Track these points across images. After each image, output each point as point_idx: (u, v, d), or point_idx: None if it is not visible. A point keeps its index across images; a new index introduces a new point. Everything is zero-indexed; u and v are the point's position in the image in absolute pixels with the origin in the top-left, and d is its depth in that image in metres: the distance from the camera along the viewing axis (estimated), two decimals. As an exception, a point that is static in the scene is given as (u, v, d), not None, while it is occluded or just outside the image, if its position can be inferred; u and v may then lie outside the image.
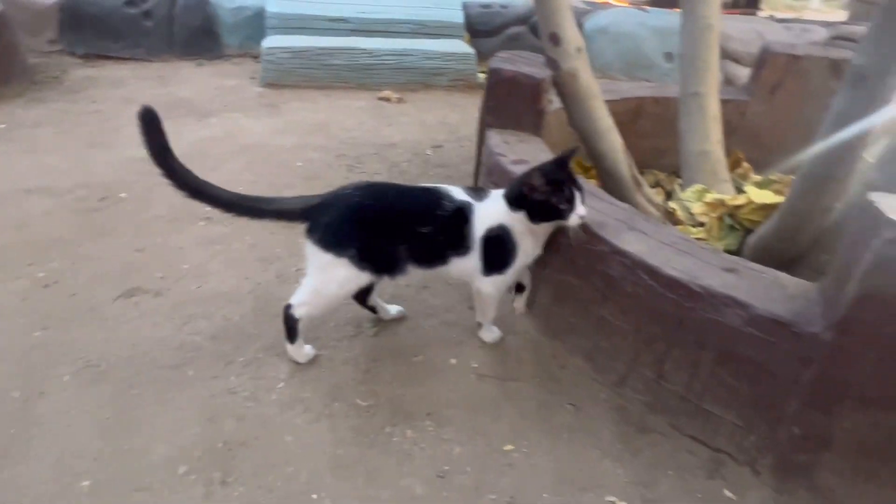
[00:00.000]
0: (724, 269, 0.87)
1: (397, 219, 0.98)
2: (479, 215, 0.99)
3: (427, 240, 0.98)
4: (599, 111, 1.42)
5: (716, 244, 1.42)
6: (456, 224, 0.98)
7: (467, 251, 0.99)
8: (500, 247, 0.99)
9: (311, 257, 0.98)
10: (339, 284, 0.99)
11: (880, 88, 0.92)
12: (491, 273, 1.01)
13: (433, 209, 0.98)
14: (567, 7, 1.36)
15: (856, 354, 0.71)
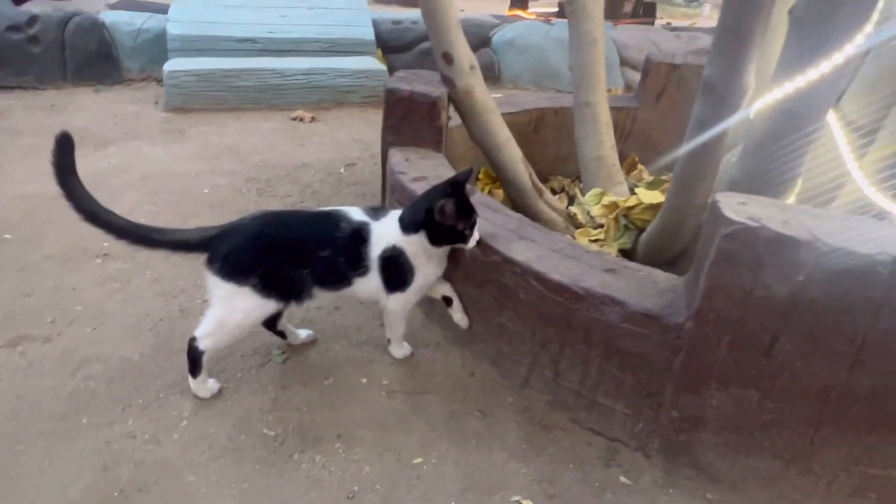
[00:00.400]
0: (605, 270, 0.93)
1: (297, 244, 0.99)
2: (376, 235, 1.01)
3: (328, 263, 0.99)
4: (496, 125, 1.48)
5: (613, 244, 1.51)
6: (354, 245, 1.00)
7: (367, 271, 1.01)
8: (396, 267, 1.01)
9: (213, 288, 0.97)
10: (244, 314, 0.98)
11: (728, 97, 1.03)
12: (394, 291, 1.03)
13: (331, 232, 0.99)
14: (457, 27, 1.41)
15: (712, 340, 0.78)
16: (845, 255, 0.68)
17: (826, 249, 0.68)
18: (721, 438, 0.85)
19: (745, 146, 1.15)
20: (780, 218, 0.74)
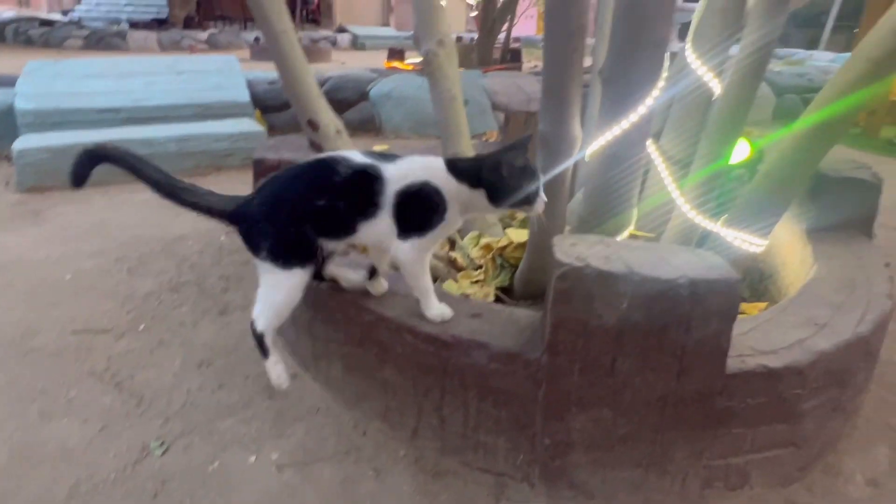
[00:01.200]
0: (471, 315, 1.00)
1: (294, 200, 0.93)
2: (393, 173, 0.92)
3: (329, 211, 0.92)
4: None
5: (492, 283, 1.61)
6: (359, 186, 0.92)
7: (375, 212, 0.92)
8: (422, 204, 0.92)
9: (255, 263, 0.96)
10: (277, 290, 0.96)
11: (559, 148, 1.16)
12: (408, 235, 0.93)
13: (328, 178, 0.92)
14: (319, 95, 1.48)
15: (565, 369, 0.87)
16: (655, 282, 0.80)
17: (639, 279, 0.80)
18: (589, 457, 0.93)
19: (585, 187, 1.30)
20: (604, 255, 0.85)
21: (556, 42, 1.03)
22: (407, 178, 0.92)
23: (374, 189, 0.92)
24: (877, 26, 1.22)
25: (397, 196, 0.92)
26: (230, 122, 3.01)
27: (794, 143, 1.31)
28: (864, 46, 1.21)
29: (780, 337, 0.96)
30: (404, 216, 0.92)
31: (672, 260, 0.85)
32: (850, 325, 0.99)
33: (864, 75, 1.20)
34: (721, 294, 0.80)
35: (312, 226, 0.93)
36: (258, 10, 1.37)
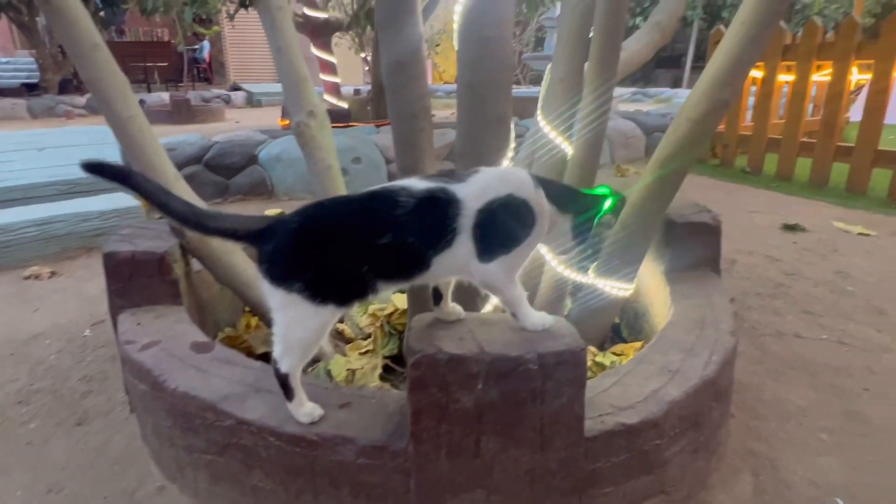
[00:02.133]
0: (340, 406, 0.97)
1: (350, 237, 0.81)
2: (467, 193, 0.83)
3: (395, 250, 0.81)
4: (241, 264, 1.48)
5: (381, 351, 1.58)
6: (429, 215, 0.81)
7: (452, 240, 0.81)
8: (508, 218, 0.82)
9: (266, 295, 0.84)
10: (301, 327, 0.84)
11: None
12: (492, 255, 0.82)
13: (389, 212, 0.81)
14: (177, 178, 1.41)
15: (432, 456, 0.85)
16: (505, 360, 0.81)
17: (490, 359, 0.81)
18: (471, 540, 0.90)
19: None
20: (458, 335, 0.86)
21: (402, 125, 1.06)
22: (487, 193, 0.83)
23: (449, 214, 0.81)
24: (693, 89, 1.37)
25: (479, 214, 0.82)
26: (102, 198, 2.80)
27: (642, 195, 1.43)
28: (684, 108, 1.35)
29: (637, 390, 1.00)
30: (488, 235, 0.82)
31: (522, 333, 0.87)
32: (698, 369, 1.06)
33: (688, 134, 1.34)
34: (568, 364, 0.83)
35: (373, 268, 0.82)
36: (100, 97, 1.30)
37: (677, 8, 1.66)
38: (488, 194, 0.83)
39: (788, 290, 2.13)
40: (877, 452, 1.24)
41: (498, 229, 0.82)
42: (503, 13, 1.05)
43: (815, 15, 11.22)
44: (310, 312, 0.82)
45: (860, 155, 3.65)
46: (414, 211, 0.81)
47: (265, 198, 3.59)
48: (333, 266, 0.82)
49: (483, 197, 0.82)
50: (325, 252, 0.81)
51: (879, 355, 1.65)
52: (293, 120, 1.70)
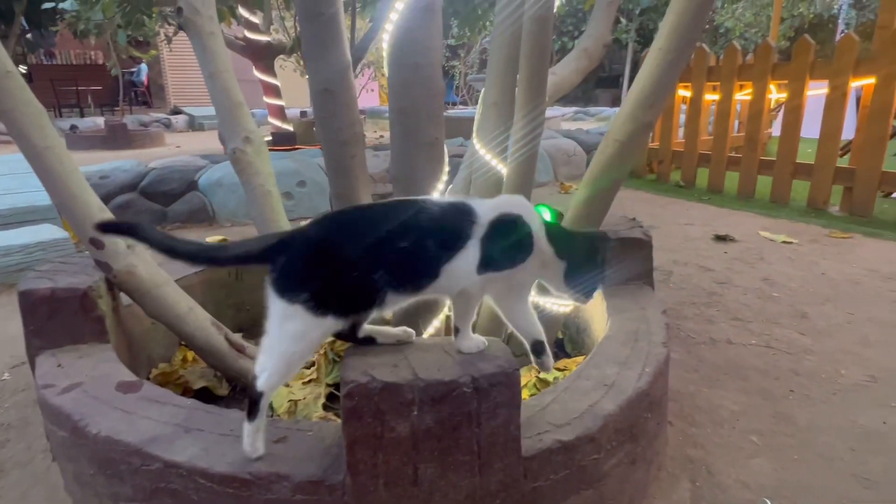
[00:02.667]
0: (275, 441, 0.94)
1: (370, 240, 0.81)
2: (484, 208, 0.86)
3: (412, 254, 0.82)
4: (172, 297, 1.42)
5: (325, 379, 1.55)
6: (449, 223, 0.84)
7: (462, 248, 0.84)
8: (509, 236, 0.85)
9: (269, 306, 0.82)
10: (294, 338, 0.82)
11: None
12: (485, 269, 0.85)
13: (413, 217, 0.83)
14: (101, 209, 1.34)
15: (370, 488, 0.83)
16: (439, 385, 0.81)
17: (424, 385, 0.81)
18: (412, 571, 0.89)
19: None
20: (393, 362, 0.85)
21: (332, 152, 1.06)
22: (500, 209, 0.87)
23: (465, 223, 0.84)
24: (619, 112, 1.43)
25: (489, 226, 0.85)
26: (24, 230, 2.64)
27: (576, 212, 1.47)
28: (612, 130, 1.41)
29: (574, 405, 1.02)
30: (489, 248, 0.85)
31: (459, 356, 0.87)
32: (632, 382, 1.09)
33: (615, 154, 1.40)
34: (503, 385, 0.84)
35: (387, 273, 0.81)
36: (13, 128, 1.23)
37: (603, 35, 1.74)
38: (501, 210, 0.87)
39: (721, 298, 2.23)
40: (802, 451, 1.31)
41: (498, 244, 0.86)
42: (431, 41, 1.07)
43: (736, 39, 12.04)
44: (309, 325, 0.82)
45: (781, 168, 3.91)
46: (433, 217, 0.85)
47: (206, 224, 3.48)
48: (346, 275, 0.81)
49: (496, 211, 0.87)
50: (340, 261, 0.81)
51: (802, 357, 1.75)
52: (228, 146, 1.66)
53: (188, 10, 1.52)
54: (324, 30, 0.96)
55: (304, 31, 0.96)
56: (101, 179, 3.30)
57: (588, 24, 1.75)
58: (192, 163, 3.76)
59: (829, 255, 2.76)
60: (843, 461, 1.28)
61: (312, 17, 0.96)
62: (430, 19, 1.05)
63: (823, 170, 3.69)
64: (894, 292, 2.26)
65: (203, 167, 3.68)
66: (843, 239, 3.05)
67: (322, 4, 0.94)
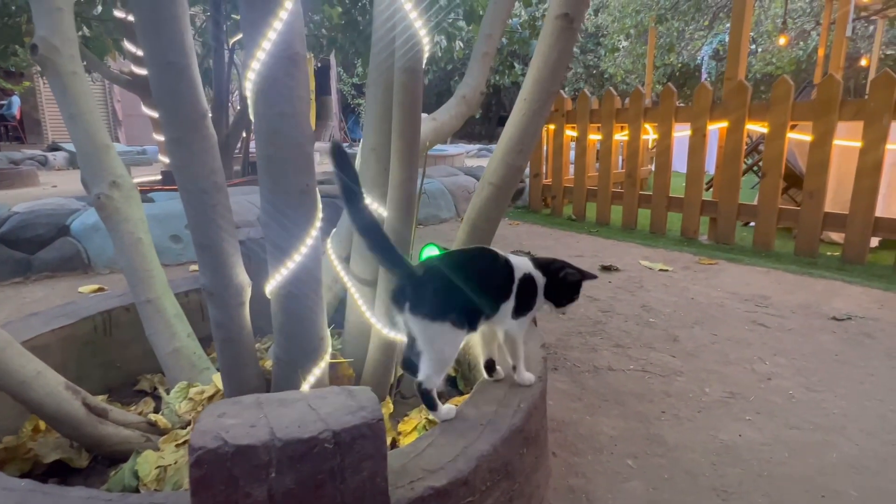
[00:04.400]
0: (123, 519, 0.85)
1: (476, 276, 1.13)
2: (517, 265, 1.20)
3: (491, 289, 1.16)
4: (16, 360, 1.27)
5: (202, 440, 1.44)
6: (506, 273, 1.19)
7: (509, 296, 1.18)
8: (528, 292, 1.20)
9: (419, 330, 1.10)
10: (450, 346, 1.12)
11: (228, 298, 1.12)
12: (519, 315, 1.21)
13: (492, 265, 1.19)
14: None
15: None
16: (298, 443, 0.78)
17: (281, 444, 0.77)
18: None
19: (275, 328, 1.28)
20: (250, 422, 0.81)
21: (191, 201, 1.02)
22: (522, 270, 1.20)
23: (512, 277, 1.18)
24: (491, 157, 1.51)
25: (518, 283, 1.19)
26: None
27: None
28: (486, 174, 1.48)
29: (449, 449, 1.02)
30: (519, 299, 1.19)
31: (322, 409, 0.85)
32: (507, 419, 1.12)
33: (490, 196, 1.46)
34: (366, 437, 0.82)
35: (480, 304, 1.13)
36: None
37: (479, 83, 1.84)
38: (522, 270, 1.21)
39: (604, 326, 2.37)
40: (671, 470, 1.41)
41: (525, 297, 1.20)
42: (298, 90, 1.07)
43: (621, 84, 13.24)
44: (455, 336, 1.10)
45: (657, 201, 4.29)
46: (502, 267, 1.19)
47: (80, 273, 3.18)
48: (464, 302, 1.11)
49: (521, 271, 1.20)
50: (460, 292, 1.10)
51: (673, 379, 1.89)
52: (93, 192, 1.55)
53: (45, 49, 1.43)
54: (172, 78, 0.93)
55: (153, 79, 0.93)
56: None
57: (466, 74, 1.85)
58: (65, 205, 3.45)
59: (699, 281, 3.04)
60: (706, 476, 1.38)
61: (162, 66, 0.93)
62: (294, 69, 1.05)
63: (692, 203, 4.09)
64: (750, 313, 2.53)
65: (77, 210, 3.38)
66: (710, 265, 3.39)
67: (172, 54, 0.92)
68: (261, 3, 1.00)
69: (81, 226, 3.25)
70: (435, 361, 1.11)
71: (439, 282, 1.10)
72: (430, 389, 1.12)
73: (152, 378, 1.81)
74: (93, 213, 3.33)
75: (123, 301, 1.86)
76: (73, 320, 1.71)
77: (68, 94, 1.46)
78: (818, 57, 7.74)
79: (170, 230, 3.45)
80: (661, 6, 9.34)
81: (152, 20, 0.89)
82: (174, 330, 1.62)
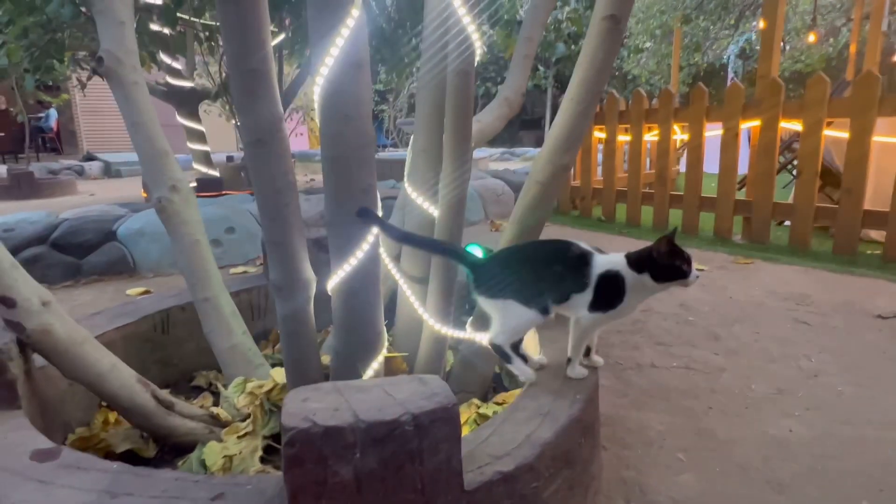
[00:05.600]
0: (212, 498, 0.90)
1: (539, 263, 1.25)
2: (598, 262, 1.20)
3: (558, 278, 1.22)
4: (92, 355, 1.34)
5: (261, 431, 1.50)
6: (579, 265, 1.21)
7: (584, 288, 1.20)
8: (610, 288, 1.18)
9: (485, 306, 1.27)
10: (521, 318, 1.23)
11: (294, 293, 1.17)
12: (596, 310, 1.20)
13: (564, 253, 1.24)
14: (13, 266, 1.27)
15: (313, 537, 0.82)
16: (381, 425, 0.82)
17: (365, 426, 0.82)
18: None
19: (335, 323, 1.33)
20: (334, 406, 0.86)
21: (266, 200, 1.07)
22: (604, 266, 1.20)
23: (588, 271, 1.20)
24: (538, 156, 1.54)
25: (598, 279, 1.19)
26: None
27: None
28: (533, 173, 1.51)
29: (512, 436, 1.06)
30: (598, 295, 1.19)
31: (398, 395, 0.89)
32: (565, 409, 1.15)
33: (538, 195, 1.50)
34: (442, 420, 0.86)
35: (547, 290, 1.21)
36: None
37: (520, 86, 1.88)
38: (606, 266, 1.20)
39: (644, 325, 2.38)
40: (722, 463, 1.41)
41: (604, 294, 1.20)
42: (361, 94, 1.13)
43: (643, 84, 13.15)
44: (520, 310, 1.21)
45: (689, 201, 4.26)
46: (574, 259, 1.22)
47: (126, 276, 3.30)
48: (522, 284, 1.22)
49: (603, 267, 1.20)
50: (521, 275, 1.22)
51: (718, 375, 1.90)
52: (153, 196, 1.63)
53: (109, 60, 1.51)
54: (254, 84, 0.99)
55: (235, 84, 0.99)
56: (4, 233, 3.07)
57: (507, 76, 1.89)
58: (110, 212, 3.58)
59: (736, 280, 3.02)
60: (758, 469, 1.39)
61: (245, 73, 0.99)
62: (359, 74, 1.10)
63: (725, 203, 4.06)
64: (790, 311, 2.51)
65: (122, 216, 3.51)
66: (745, 264, 3.36)
67: (252, 61, 0.98)
68: (329, 13, 1.06)
69: (127, 231, 3.37)
70: (501, 326, 1.25)
71: (497, 266, 1.26)
72: (501, 344, 1.25)
73: (208, 374, 1.88)
74: (137, 219, 3.45)
75: (178, 301, 1.94)
76: (134, 318, 1.79)
77: (131, 103, 1.54)
78: (849, 53, 7.60)
79: (210, 235, 3.54)
80: (687, 6, 9.27)
81: (238, 27, 0.95)
82: (231, 327, 1.69)
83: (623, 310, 1.22)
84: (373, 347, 1.34)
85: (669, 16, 9.59)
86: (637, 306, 1.24)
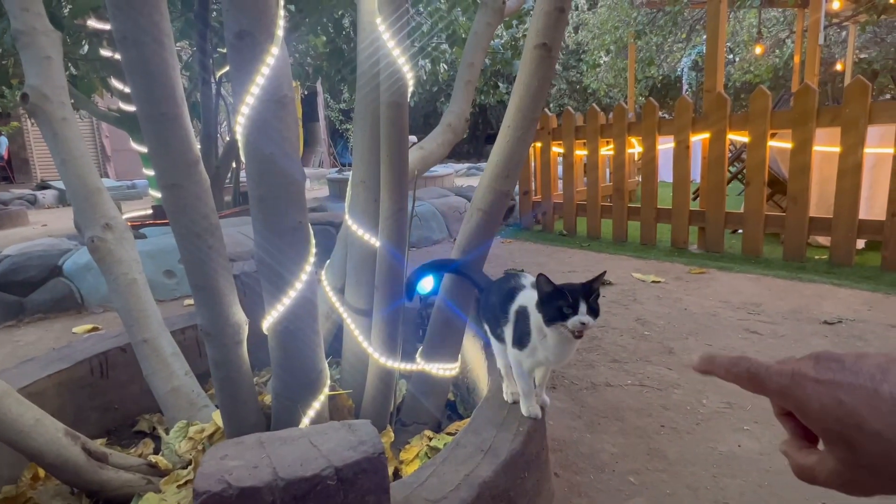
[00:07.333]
0: (128, 567, 0.85)
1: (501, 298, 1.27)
2: (520, 296, 1.20)
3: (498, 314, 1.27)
4: (14, 409, 1.26)
5: (203, 480, 1.43)
6: (507, 300, 1.23)
7: (507, 322, 1.22)
8: (519, 324, 1.18)
9: None
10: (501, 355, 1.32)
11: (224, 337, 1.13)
12: (513, 345, 1.20)
13: (506, 289, 1.27)
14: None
15: None
16: (301, 482, 0.79)
17: (284, 484, 0.78)
18: None
19: (273, 363, 1.29)
20: (253, 463, 0.82)
21: (187, 245, 1.04)
22: (520, 301, 1.19)
23: (510, 306, 1.21)
24: (479, 183, 1.54)
25: (513, 314, 1.20)
26: None
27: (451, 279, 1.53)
28: (475, 200, 1.51)
29: (451, 477, 1.03)
30: (513, 329, 1.20)
31: (323, 446, 0.86)
32: (507, 443, 1.13)
33: (480, 222, 1.49)
34: (368, 472, 0.83)
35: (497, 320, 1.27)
36: None
37: (464, 110, 1.89)
38: (520, 302, 1.20)
39: (600, 342, 2.39)
40: (673, 485, 1.41)
41: (516, 329, 1.20)
42: (286, 131, 1.10)
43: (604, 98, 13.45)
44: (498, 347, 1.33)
45: (646, 213, 4.34)
46: (505, 291, 1.26)
47: (74, 313, 3.17)
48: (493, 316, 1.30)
49: (519, 302, 1.20)
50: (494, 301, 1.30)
51: (671, 392, 1.91)
52: (85, 235, 1.57)
53: (35, 97, 1.46)
54: (167, 130, 0.96)
55: (144, 128, 0.95)
56: None
57: (450, 102, 1.89)
58: (56, 245, 3.44)
59: (691, 291, 3.08)
60: (707, 489, 1.39)
61: (155, 118, 0.95)
62: (282, 111, 1.08)
63: (680, 214, 4.15)
64: (742, 321, 2.56)
65: (69, 250, 3.38)
66: (700, 274, 3.43)
67: (161, 105, 0.94)
68: (248, 52, 1.03)
69: (73, 266, 3.25)
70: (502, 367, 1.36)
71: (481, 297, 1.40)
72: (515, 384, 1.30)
73: (151, 418, 1.81)
74: (85, 252, 3.33)
75: (119, 342, 1.86)
76: (69, 364, 1.71)
77: (59, 140, 1.49)
78: (794, 64, 7.93)
79: (163, 265, 3.45)
80: (639, 22, 9.56)
81: (143, 73, 0.92)
82: (171, 369, 1.63)
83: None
84: (313, 387, 1.30)
85: (623, 31, 9.87)
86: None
